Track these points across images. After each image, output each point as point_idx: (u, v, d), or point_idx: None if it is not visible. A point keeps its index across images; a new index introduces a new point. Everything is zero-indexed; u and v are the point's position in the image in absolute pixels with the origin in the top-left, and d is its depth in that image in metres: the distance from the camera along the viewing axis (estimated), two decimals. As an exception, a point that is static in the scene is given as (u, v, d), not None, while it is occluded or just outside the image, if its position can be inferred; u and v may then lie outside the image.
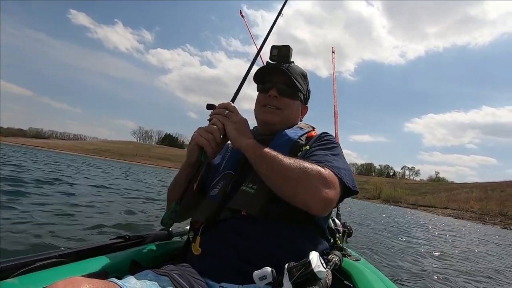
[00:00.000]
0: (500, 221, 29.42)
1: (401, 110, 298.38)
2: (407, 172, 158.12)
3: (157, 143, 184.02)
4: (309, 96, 1.08)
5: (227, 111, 0.83)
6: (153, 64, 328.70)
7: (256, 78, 1.01)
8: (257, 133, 1.02)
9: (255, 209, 0.76)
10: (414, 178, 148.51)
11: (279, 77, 0.96)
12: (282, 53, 0.96)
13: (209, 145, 0.79)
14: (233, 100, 0.89)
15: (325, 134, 0.97)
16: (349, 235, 1.37)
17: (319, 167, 0.74)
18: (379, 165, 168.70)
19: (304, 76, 1.02)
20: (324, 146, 0.88)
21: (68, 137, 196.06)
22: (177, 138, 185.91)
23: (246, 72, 0.94)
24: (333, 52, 2.69)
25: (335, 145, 0.90)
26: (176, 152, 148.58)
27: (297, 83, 0.96)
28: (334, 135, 0.99)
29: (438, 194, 65.24)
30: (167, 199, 0.97)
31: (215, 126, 0.81)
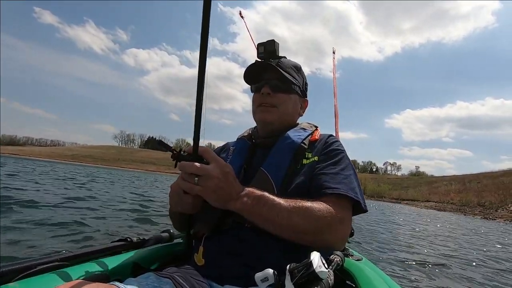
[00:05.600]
0: (480, 211, 30.77)
1: (381, 106, 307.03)
2: (389, 168, 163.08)
3: (140, 147, 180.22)
4: (306, 88, 1.04)
5: (196, 178, 0.66)
6: (130, 65, 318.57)
7: (247, 78, 0.98)
8: (257, 134, 1.00)
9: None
10: (396, 173, 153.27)
11: (270, 74, 0.93)
12: (268, 48, 0.94)
13: (186, 210, 0.76)
14: (195, 137, 0.66)
15: (331, 139, 0.93)
16: (351, 235, 1.33)
17: (330, 207, 0.72)
18: (362, 162, 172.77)
19: (297, 68, 0.99)
20: (333, 159, 0.85)
21: (45, 144, 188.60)
22: (160, 141, 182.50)
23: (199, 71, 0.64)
24: (333, 52, 2.72)
25: (342, 154, 0.88)
26: (160, 155, 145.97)
27: (288, 75, 0.92)
28: (335, 136, 0.98)
29: (420, 188, 67.58)
30: (170, 218, 0.97)
31: (189, 201, 0.72)
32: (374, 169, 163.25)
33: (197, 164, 0.65)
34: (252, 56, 0.98)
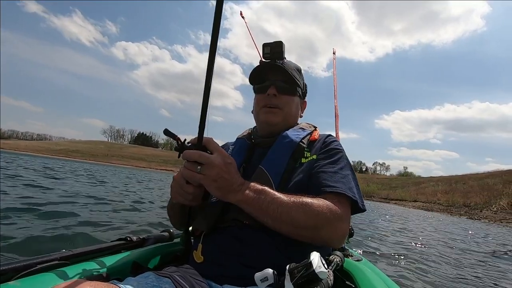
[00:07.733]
0: (465, 212, 31.48)
1: (371, 106, 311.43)
2: (378, 168, 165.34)
3: (130, 143, 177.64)
4: (306, 90, 1.06)
5: (199, 167, 0.67)
6: (120, 59, 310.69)
7: (252, 79, 0.99)
8: (257, 134, 1.01)
9: (257, 221, 0.75)
10: (385, 173, 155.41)
11: (276, 75, 0.94)
12: (274, 49, 0.93)
13: (186, 201, 0.76)
14: (201, 127, 0.68)
15: (330, 139, 0.94)
16: (351, 235, 1.37)
17: (329, 204, 0.73)
18: (352, 161, 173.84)
19: (299, 70, 1.01)
20: (331, 158, 0.86)
21: (31, 137, 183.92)
22: (150, 137, 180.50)
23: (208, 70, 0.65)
24: (333, 53, 2.70)
25: (341, 153, 0.89)
26: (151, 151, 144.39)
27: (295, 78, 0.94)
28: (335, 136, 0.98)
29: (408, 188, 68.61)
30: (168, 215, 0.98)
31: (190, 191, 0.73)
32: (364, 169, 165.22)
33: (200, 152, 0.67)
34: (246, 54, 0.83)
